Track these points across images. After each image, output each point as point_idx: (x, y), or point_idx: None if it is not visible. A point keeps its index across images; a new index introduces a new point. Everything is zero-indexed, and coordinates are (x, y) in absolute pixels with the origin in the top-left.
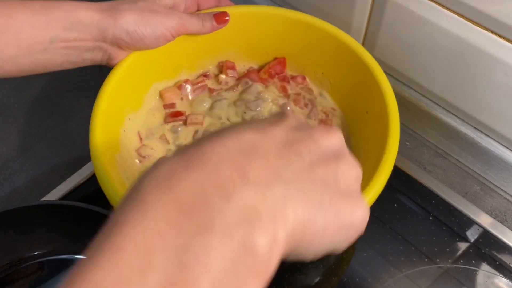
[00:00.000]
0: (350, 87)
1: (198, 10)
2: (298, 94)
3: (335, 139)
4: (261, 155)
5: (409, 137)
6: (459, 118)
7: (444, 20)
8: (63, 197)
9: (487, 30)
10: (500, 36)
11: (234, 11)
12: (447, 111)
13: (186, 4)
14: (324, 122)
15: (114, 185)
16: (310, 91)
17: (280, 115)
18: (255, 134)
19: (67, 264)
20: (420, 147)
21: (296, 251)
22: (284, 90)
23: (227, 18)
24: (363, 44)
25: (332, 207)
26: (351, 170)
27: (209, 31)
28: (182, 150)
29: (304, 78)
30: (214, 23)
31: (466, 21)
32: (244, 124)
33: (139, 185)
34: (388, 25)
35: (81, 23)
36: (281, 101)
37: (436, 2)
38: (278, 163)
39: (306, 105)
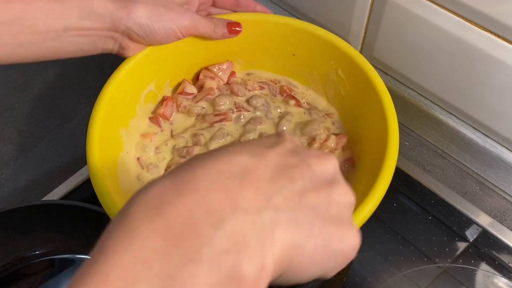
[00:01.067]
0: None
1: (213, 5)
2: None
3: (330, 165)
4: (253, 180)
5: (408, 137)
6: (458, 118)
7: (444, 21)
8: (64, 197)
9: (486, 31)
10: (498, 36)
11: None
12: (446, 111)
13: (200, 1)
14: (284, 91)
15: (110, 194)
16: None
17: (277, 137)
18: (249, 157)
19: (67, 263)
20: (419, 147)
21: (284, 276)
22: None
23: (238, 29)
24: (362, 45)
25: (322, 235)
26: (344, 197)
27: (219, 37)
28: (173, 172)
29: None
30: (226, 31)
31: (465, 22)
32: (239, 145)
33: (129, 209)
34: (387, 26)
35: (95, 13)
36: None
37: (435, 3)
38: (270, 189)
39: (262, 87)
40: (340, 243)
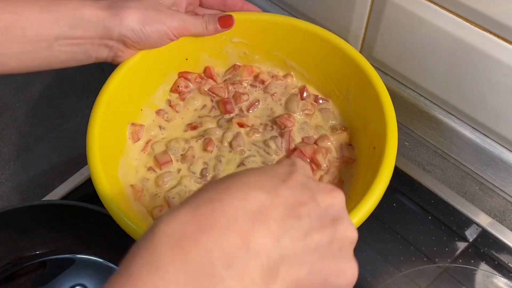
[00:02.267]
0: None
1: (200, 5)
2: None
3: (337, 201)
4: (264, 221)
5: (408, 137)
6: (458, 118)
7: (443, 21)
8: (64, 197)
9: (485, 31)
10: (498, 36)
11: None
12: (446, 111)
13: (188, 1)
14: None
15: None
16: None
17: (290, 165)
18: (262, 194)
19: (68, 263)
20: (419, 147)
21: None
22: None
23: (231, 21)
24: (362, 45)
25: (321, 272)
26: (347, 233)
27: (212, 33)
28: (193, 203)
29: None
30: (218, 26)
31: (465, 22)
32: (252, 175)
33: (154, 238)
34: (387, 26)
35: (86, 21)
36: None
37: (435, 3)
38: (279, 230)
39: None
40: (338, 278)
